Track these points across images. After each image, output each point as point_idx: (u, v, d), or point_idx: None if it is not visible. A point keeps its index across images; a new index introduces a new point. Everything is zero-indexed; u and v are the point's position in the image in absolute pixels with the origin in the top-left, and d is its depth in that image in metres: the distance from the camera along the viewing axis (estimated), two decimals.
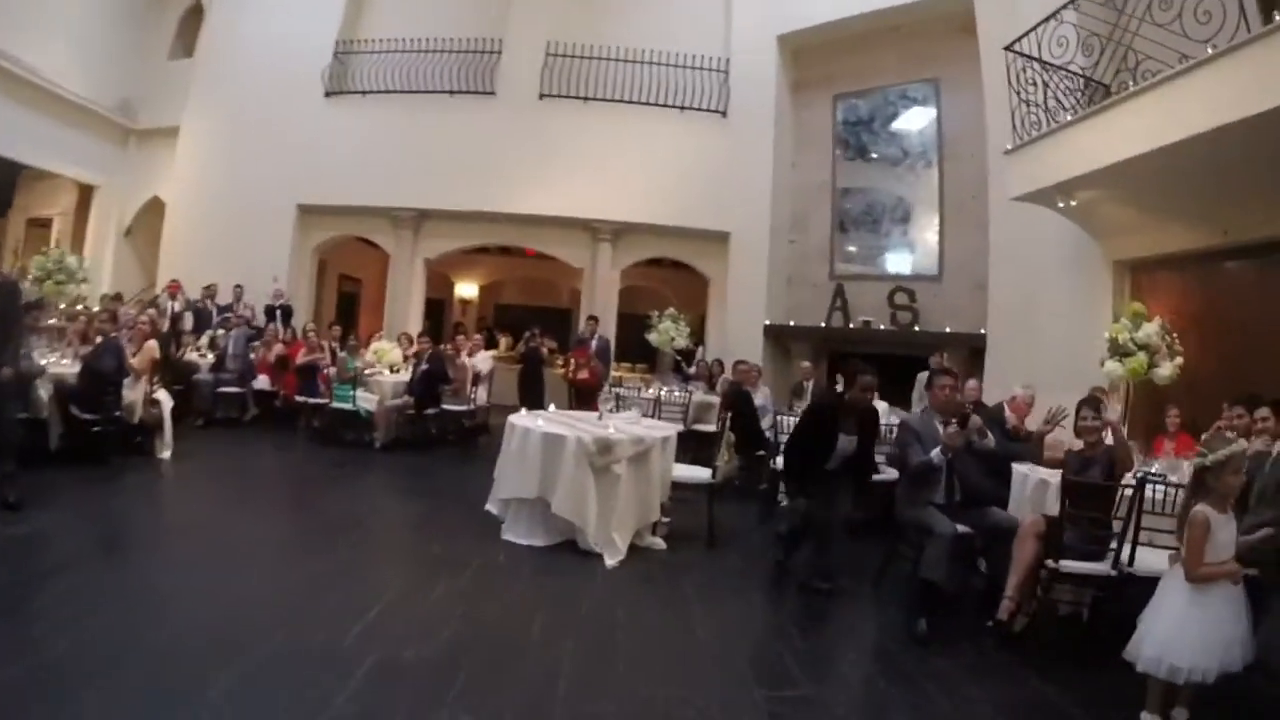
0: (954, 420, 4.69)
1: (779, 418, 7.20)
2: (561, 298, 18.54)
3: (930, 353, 10.35)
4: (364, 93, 12.91)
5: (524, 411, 6.00)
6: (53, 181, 14.39)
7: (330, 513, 6.08)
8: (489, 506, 5.65)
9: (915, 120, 12.04)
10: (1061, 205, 7.68)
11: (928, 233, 11.75)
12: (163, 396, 7.46)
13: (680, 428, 6.37)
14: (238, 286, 12.13)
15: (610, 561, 4.95)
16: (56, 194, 14.78)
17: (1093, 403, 4.76)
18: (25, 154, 12.79)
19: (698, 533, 5.77)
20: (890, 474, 6.94)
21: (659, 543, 5.45)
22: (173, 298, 11.91)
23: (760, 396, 8.26)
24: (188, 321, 11.68)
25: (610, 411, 6.38)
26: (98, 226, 14.44)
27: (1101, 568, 4.21)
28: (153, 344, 7.44)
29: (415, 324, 12.76)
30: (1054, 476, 4.93)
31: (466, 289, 19.40)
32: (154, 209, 14.18)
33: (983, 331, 10.13)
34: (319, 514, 6.10)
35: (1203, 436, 6.19)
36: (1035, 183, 7.79)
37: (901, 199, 12.05)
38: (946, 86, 11.62)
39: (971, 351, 10.28)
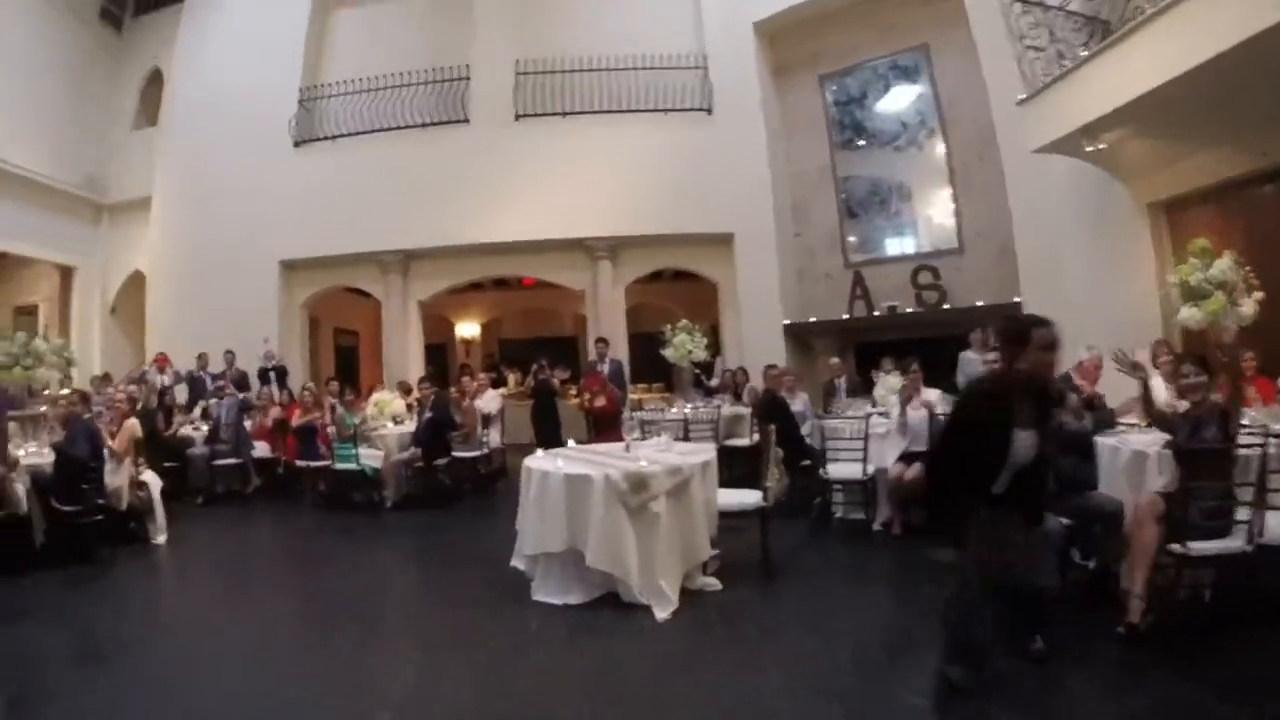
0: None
1: (818, 423, 6.56)
2: (566, 326, 17.96)
3: (962, 330, 9.79)
4: (333, 138, 12.37)
5: (541, 452, 5.32)
6: (34, 268, 14.06)
7: (337, 591, 5.38)
8: (515, 563, 4.99)
9: (909, 90, 11.47)
10: (1089, 149, 7.08)
11: (940, 205, 11.14)
12: (150, 478, 6.89)
13: (714, 447, 5.66)
14: (228, 353, 11.60)
15: (661, 614, 4.25)
16: (38, 280, 14.39)
17: (1194, 357, 4.14)
18: None
19: (752, 563, 5.10)
20: None
21: (713, 582, 4.74)
22: (161, 371, 11.40)
23: (799, 402, 7.62)
24: (180, 394, 11.16)
25: (638, 440, 5.70)
26: (81, 307, 14.11)
27: (1235, 544, 3.63)
28: (133, 423, 6.90)
29: (416, 370, 12.14)
30: (1151, 447, 4.31)
31: (467, 329, 18.78)
32: (137, 284, 13.72)
33: (1016, 300, 9.49)
34: (324, 593, 5.39)
35: None
36: (1056, 130, 7.27)
37: (907, 174, 11.46)
38: (937, 51, 11.10)
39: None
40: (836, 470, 6.28)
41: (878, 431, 6.27)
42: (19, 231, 12.54)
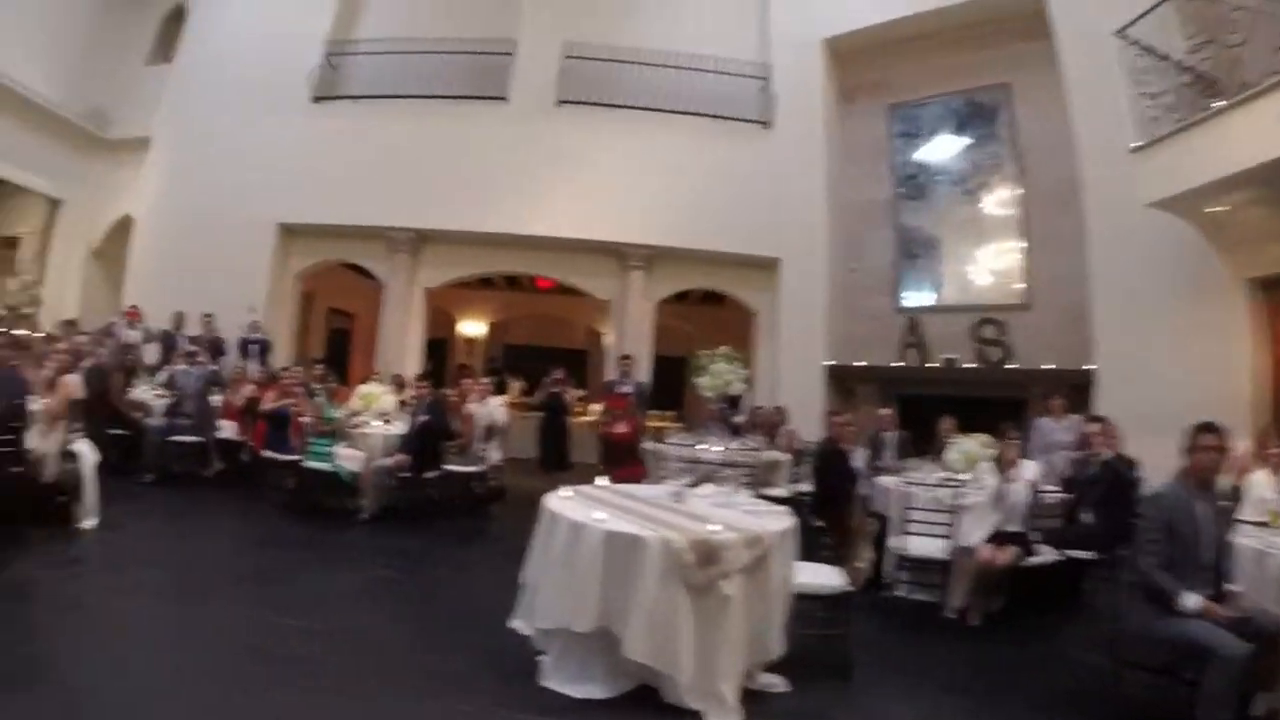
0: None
1: (897, 488, 5.49)
2: (578, 338, 16.85)
3: (1022, 392, 8.88)
4: (356, 98, 11.29)
5: (568, 491, 4.10)
6: (22, 199, 12.81)
7: (281, 626, 4.13)
8: (517, 625, 3.90)
9: (985, 129, 10.55)
10: (1208, 211, 6.19)
11: (1007, 256, 10.18)
12: (83, 449, 5.71)
13: (785, 509, 4.31)
14: (206, 315, 10.49)
15: None
16: (25, 211, 13.09)
17: None
18: None
19: (817, 653, 3.92)
20: (1046, 554, 5.35)
21: (777, 682, 3.64)
22: (131, 326, 10.27)
23: (858, 458, 6.57)
24: (149, 354, 10.07)
25: (687, 487, 4.41)
26: (64, 245, 12.98)
27: None
28: (73, 380, 5.80)
29: (413, 364, 11.05)
30: None
31: (471, 327, 17.55)
32: (126, 229, 12.47)
33: (1088, 367, 8.52)
34: (266, 628, 4.12)
35: None
36: (1178, 184, 6.42)
37: (974, 219, 10.50)
38: (1019, 92, 10.20)
39: (1072, 389, 8.62)
40: (914, 545, 5.22)
41: (961, 503, 5.25)
42: (9, 154, 11.58)
